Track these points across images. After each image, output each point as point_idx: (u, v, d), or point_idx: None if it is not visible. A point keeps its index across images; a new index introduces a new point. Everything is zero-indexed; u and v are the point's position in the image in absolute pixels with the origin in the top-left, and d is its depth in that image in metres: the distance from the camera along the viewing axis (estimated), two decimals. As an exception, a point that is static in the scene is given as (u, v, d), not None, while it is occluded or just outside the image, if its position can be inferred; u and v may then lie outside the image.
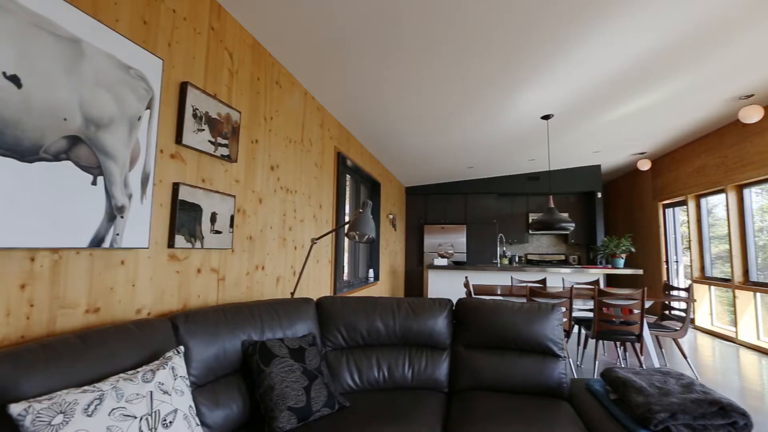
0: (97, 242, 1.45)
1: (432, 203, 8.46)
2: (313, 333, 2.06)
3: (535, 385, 2.03)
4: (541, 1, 2.31)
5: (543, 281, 4.59)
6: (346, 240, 4.65)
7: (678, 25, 2.68)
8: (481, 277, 5.94)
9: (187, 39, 1.94)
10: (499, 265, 6.13)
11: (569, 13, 2.44)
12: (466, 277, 4.55)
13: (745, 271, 5.11)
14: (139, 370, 1.27)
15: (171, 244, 1.80)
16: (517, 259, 8.25)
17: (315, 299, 2.38)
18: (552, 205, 4.81)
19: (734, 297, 5.14)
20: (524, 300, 3.71)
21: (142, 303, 1.67)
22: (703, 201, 6.07)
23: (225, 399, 1.60)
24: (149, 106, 1.68)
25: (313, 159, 3.50)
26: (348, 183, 4.99)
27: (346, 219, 4.58)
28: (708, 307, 5.92)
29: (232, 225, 2.25)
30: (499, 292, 3.93)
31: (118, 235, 1.53)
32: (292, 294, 2.44)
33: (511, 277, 4.88)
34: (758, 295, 4.93)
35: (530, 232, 8.25)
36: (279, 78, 2.89)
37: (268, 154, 2.72)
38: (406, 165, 6.58)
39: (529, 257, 8.32)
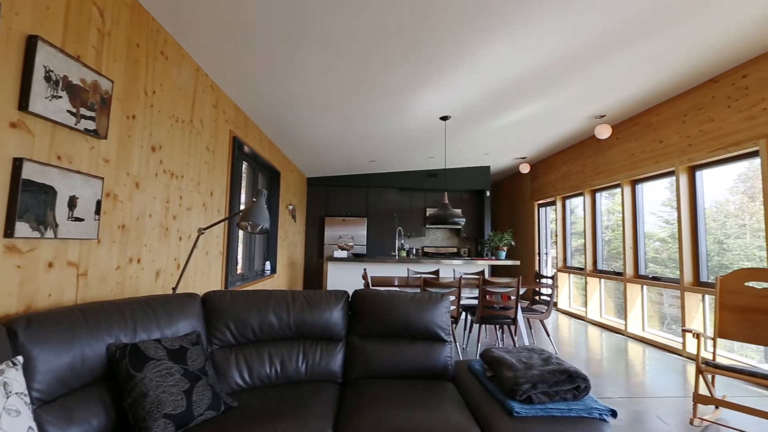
0: None
1: (334, 195, 8.44)
2: (197, 331, 1.89)
3: (424, 369, 2.16)
4: (439, 6, 2.44)
5: (436, 272, 4.91)
6: (241, 231, 4.37)
7: (552, 51, 3.07)
8: (379, 269, 6.13)
9: (38, -16, 1.60)
10: (397, 257, 6.39)
11: (460, 24, 2.62)
12: (365, 269, 4.64)
13: (594, 262, 6.14)
14: (-47, 389, 1.02)
15: (9, 232, 1.48)
16: (414, 251, 8.71)
17: (203, 294, 2.19)
18: (446, 202, 5.16)
19: (586, 283, 6.16)
20: (418, 290, 3.92)
21: (-36, 305, 1.34)
22: (567, 202, 7.12)
23: (82, 414, 1.38)
24: (-22, 60, 1.35)
25: (204, 142, 3.20)
26: (245, 170, 4.69)
27: (242, 208, 4.31)
28: (567, 291, 6.99)
29: (98, 212, 1.93)
30: (396, 283, 4.10)
31: (-75, 219, 1.20)
32: (174, 289, 2.20)
33: (408, 269, 5.13)
34: (602, 280, 5.98)
35: (427, 226, 8.77)
36: (165, 48, 2.56)
37: (148, 133, 2.40)
38: (308, 155, 6.44)
39: (426, 250, 8.84)
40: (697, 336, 2.63)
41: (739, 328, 2.68)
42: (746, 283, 2.70)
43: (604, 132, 5.12)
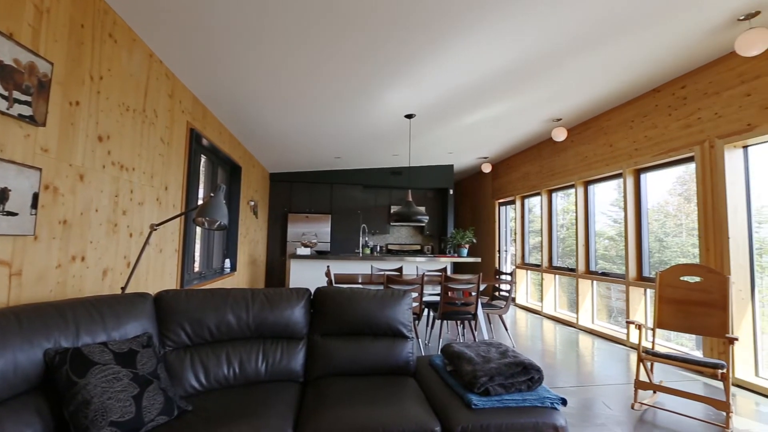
0: None
1: (297, 191, 8.30)
2: (148, 332, 1.79)
3: (386, 365, 2.17)
4: (402, 5, 2.45)
5: (400, 269, 4.95)
6: (198, 227, 4.20)
7: (513, 55, 3.16)
8: (343, 267, 6.10)
9: (-37, -48, 1.44)
10: (361, 254, 6.38)
11: (425, 22, 2.65)
12: (328, 267, 4.60)
13: (550, 258, 6.44)
14: None
15: (-72, 227, 1.33)
16: (378, 248, 8.73)
17: (155, 294, 2.07)
18: (410, 199, 5.21)
19: (542, 279, 6.44)
20: (382, 287, 3.94)
21: None
22: (526, 201, 7.40)
23: (14, 426, 1.26)
24: None
25: (158, 133, 3.03)
26: (203, 164, 4.50)
27: (200, 204, 4.13)
28: (525, 287, 7.28)
29: (35, 205, 1.78)
30: (360, 281, 4.09)
31: None
32: (124, 289, 2.07)
33: (371, 266, 5.13)
34: (557, 276, 6.27)
35: (391, 223, 8.82)
36: (113, 30, 2.40)
37: (94, 121, 2.24)
38: (271, 150, 6.28)
39: (390, 247, 8.89)
40: (639, 327, 2.83)
41: (675, 319, 2.91)
42: (681, 278, 2.93)
43: (560, 135, 5.36)
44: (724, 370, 2.47)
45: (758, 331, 3.27)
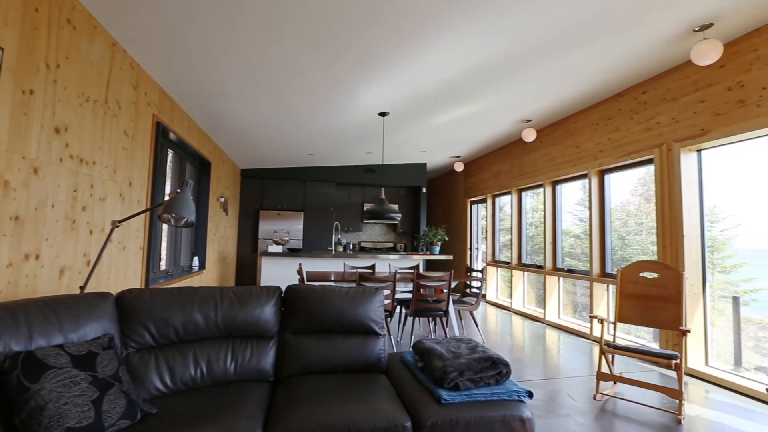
0: None
1: (269, 188, 8.15)
2: (110, 333, 1.72)
3: (358, 363, 2.17)
4: (374, 4, 2.45)
5: (372, 267, 4.95)
6: (165, 224, 4.05)
7: (485, 58, 3.22)
8: (315, 264, 6.04)
9: None
10: (333, 252, 6.35)
11: (398, 21, 2.66)
12: (300, 264, 4.55)
13: (519, 256, 6.62)
14: None
15: None
16: (351, 246, 8.71)
17: (117, 293, 1.99)
18: (383, 197, 5.22)
19: (511, 276, 6.62)
20: (354, 285, 3.94)
21: None
22: (497, 200, 7.56)
23: (-41, 433, 1.19)
24: None
25: (122, 126, 2.90)
26: (170, 159, 4.34)
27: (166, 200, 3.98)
28: (495, 284, 7.45)
29: (-17, 200, 1.67)
30: (332, 279, 4.07)
31: None
32: (83, 288, 1.98)
33: (344, 264, 5.12)
34: (526, 273, 6.46)
35: (364, 221, 8.81)
36: (72, 16, 2.27)
37: (51, 112, 2.12)
38: (242, 145, 6.13)
39: (363, 245, 8.89)
40: (601, 321, 2.96)
41: (635, 313, 3.06)
42: (640, 274, 3.08)
43: (530, 135, 5.52)
44: (678, 361, 2.62)
45: (708, 323, 3.49)
